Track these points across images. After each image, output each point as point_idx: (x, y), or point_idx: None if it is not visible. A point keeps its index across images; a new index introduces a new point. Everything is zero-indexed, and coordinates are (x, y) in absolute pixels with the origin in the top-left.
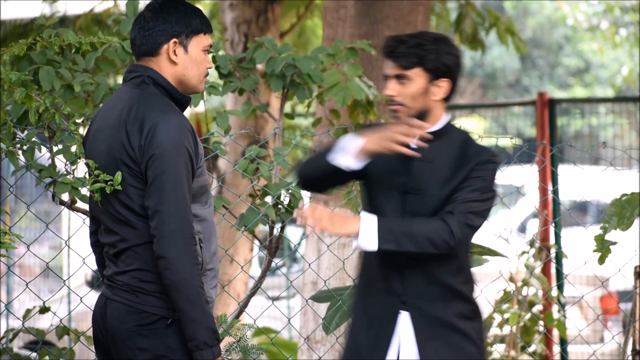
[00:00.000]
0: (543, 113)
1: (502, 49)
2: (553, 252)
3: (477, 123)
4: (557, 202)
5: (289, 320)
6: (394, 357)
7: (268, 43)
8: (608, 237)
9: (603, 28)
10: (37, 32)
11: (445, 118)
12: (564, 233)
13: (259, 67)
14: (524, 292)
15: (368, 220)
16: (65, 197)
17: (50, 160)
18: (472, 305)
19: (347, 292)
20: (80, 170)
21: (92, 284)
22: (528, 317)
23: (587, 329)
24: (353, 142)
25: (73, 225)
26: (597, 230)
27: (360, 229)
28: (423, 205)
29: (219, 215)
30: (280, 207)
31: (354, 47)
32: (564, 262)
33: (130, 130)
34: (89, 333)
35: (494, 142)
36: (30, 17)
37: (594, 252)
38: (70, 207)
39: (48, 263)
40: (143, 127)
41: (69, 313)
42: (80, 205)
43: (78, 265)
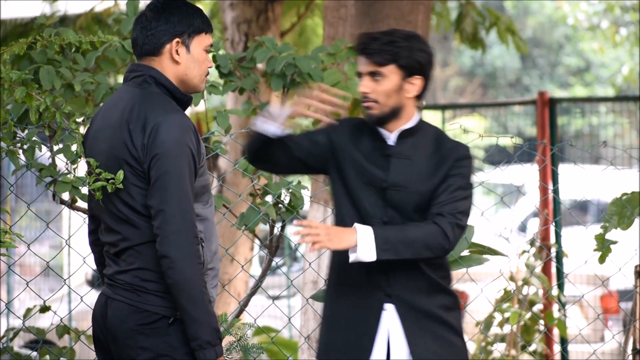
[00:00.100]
0: (543, 112)
1: (502, 48)
2: (553, 251)
3: (477, 122)
4: (557, 201)
5: (290, 320)
6: (382, 350)
7: (268, 42)
8: (608, 236)
9: (603, 27)
10: (37, 31)
11: (418, 115)
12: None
13: (260, 66)
14: (525, 291)
15: (364, 232)
16: (66, 196)
17: (51, 160)
18: (452, 297)
19: None
20: (81, 170)
21: (92, 283)
22: (528, 316)
23: (587, 328)
24: (277, 109)
25: (73, 225)
26: (597, 230)
27: (358, 242)
28: (404, 201)
29: (220, 215)
30: (281, 206)
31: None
32: (565, 261)
33: (133, 130)
34: (90, 332)
35: (495, 141)
36: (31, 16)
37: (595, 251)
38: (71, 206)
39: (48, 262)
40: (146, 126)
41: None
42: (81, 205)
43: (78, 265)
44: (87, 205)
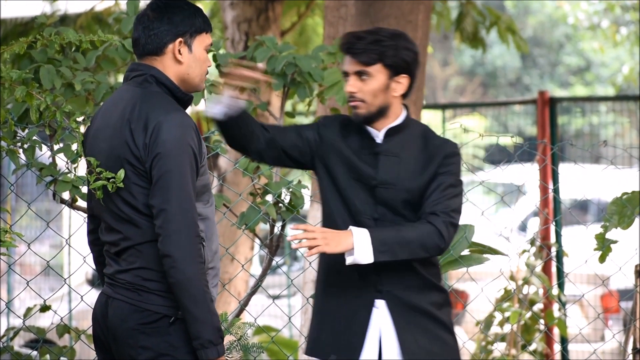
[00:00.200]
0: (544, 112)
1: (502, 48)
2: (554, 250)
3: (477, 122)
4: (557, 200)
5: (290, 319)
6: (374, 347)
7: (269, 42)
8: (609, 235)
9: (604, 27)
10: (37, 30)
11: (405, 113)
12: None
13: (260, 65)
14: (525, 290)
15: (360, 235)
16: (66, 195)
17: (51, 159)
18: (443, 294)
19: None
20: (81, 169)
21: (92, 283)
22: (529, 315)
23: (587, 328)
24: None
25: (74, 224)
26: (597, 229)
27: (355, 244)
28: (393, 198)
29: (220, 214)
30: (281, 205)
31: None
32: (565, 260)
33: (135, 129)
34: (90, 331)
35: (495, 140)
36: (31, 15)
37: (595, 250)
38: (71, 205)
39: (49, 261)
40: (147, 125)
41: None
42: (81, 204)
43: (79, 264)
44: (86, 205)
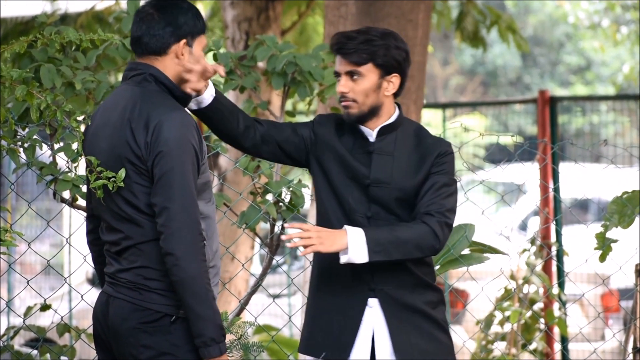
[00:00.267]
0: (544, 111)
1: (503, 47)
2: (554, 249)
3: (478, 121)
4: (558, 199)
5: (290, 318)
6: (366, 346)
7: (269, 41)
8: (609, 234)
9: (604, 26)
10: (38, 29)
11: (397, 111)
12: (565, 231)
13: (260, 64)
14: (525, 289)
15: (355, 234)
16: (67, 194)
17: (52, 158)
18: (437, 293)
19: None
20: (82, 168)
21: (93, 282)
22: (529, 314)
23: (588, 327)
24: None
25: (74, 223)
26: (598, 228)
27: (349, 244)
28: (386, 197)
29: (220, 213)
30: (282, 204)
31: None
32: (565, 259)
33: (135, 128)
34: (90, 330)
35: (495, 140)
36: (32, 14)
37: (595, 249)
38: (71, 204)
39: (49, 261)
40: (149, 124)
41: (70, 310)
42: (82, 203)
43: (79, 263)
44: (85, 205)
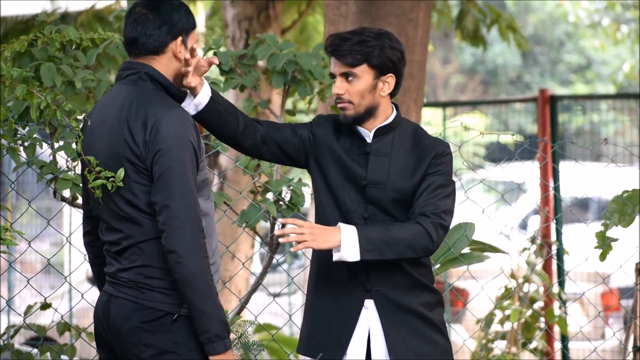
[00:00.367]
0: (544, 110)
1: (503, 46)
2: (554, 248)
3: (478, 120)
4: (558, 198)
5: (290, 317)
6: (361, 347)
7: (269, 39)
8: (609, 233)
9: (604, 25)
10: (38, 28)
11: (395, 112)
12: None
13: (260, 63)
14: (525, 288)
15: (348, 232)
16: (67, 193)
17: (52, 157)
18: (434, 294)
19: None
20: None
21: (93, 281)
22: (529, 313)
23: (588, 326)
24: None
25: (74, 222)
26: (598, 227)
27: (342, 241)
28: (383, 198)
29: (221, 212)
30: (282, 203)
31: None
32: (565, 258)
33: (133, 127)
34: (91, 329)
35: (496, 138)
36: (32, 13)
37: (595, 248)
38: (72, 203)
39: (49, 259)
40: (147, 122)
41: (70, 309)
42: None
43: (79, 262)
44: (82, 207)
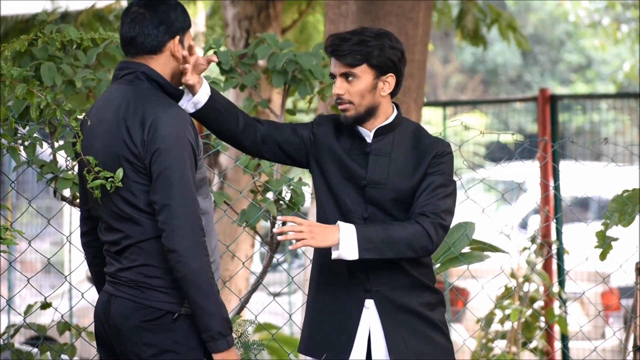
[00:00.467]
0: (544, 109)
1: (503, 45)
2: (554, 248)
3: (478, 119)
4: (558, 198)
5: (290, 316)
6: (362, 347)
7: (269, 39)
8: (609, 233)
9: (605, 24)
10: (38, 27)
11: (395, 111)
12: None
13: (261, 63)
14: (525, 288)
15: (347, 230)
16: (67, 192)
17: (52, 156)
18: (435, 294)
19: None
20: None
21: None
22: (529, 313)
23: (588, 325)
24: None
25: (74, 221)
26: (598, 227)
27: (340, 240)
28: (383, 198)
29: (221, 211)
30: (282, 203)
31: None
32: (565, 258)
33: (131, 127)
34: (91, 329)
35: (496, 138)
36: (32, 12)
37: (596, 248)
38: (72, 202)
39: (49, 259)
40: (144, 122)
41: (71, 309)
42: None
43: (79, 261)
44: (80, 207)
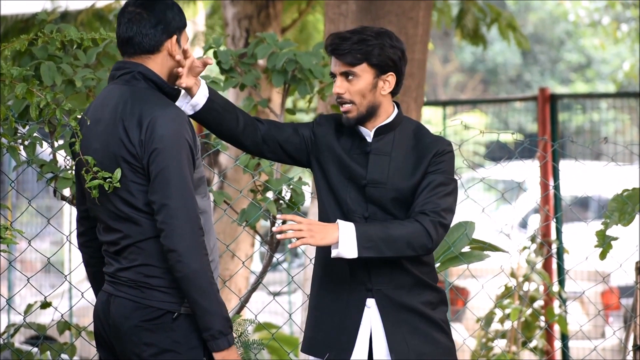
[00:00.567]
0: (544, 108)
1: (503, 45)
2: (554, 247)
3: (478, 118)
4: (558, 197)
5: (290, 316)
6: (364, 347)
7: (269, 38)
8: (609, 232)
9: (604, 23)
10: (38, 27)
11: (396, 111)
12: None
13: (261, 62)
14: (525, 287)
15: (346, 229)
16: (67, 192)
17: (52, 156)
18: (437, 293)
19: None
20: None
21: None
22: (529, 312)
23: (588, 325)
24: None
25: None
26: (598, 226)
27: (340, 238)
28: (383, 197)
29: (221, 211)
30: (282, 202)
31: None
32: (565, 257)
33: (128, 127)
34: (91, 328)
35: (496, 137)
36: (32, 12)
37: (595, 247)
38: (72, 202)
39: (49, 258)
40: (142, 122)
41: (70, 308)
42: None
43: (79, 261)
44: (76, 208)
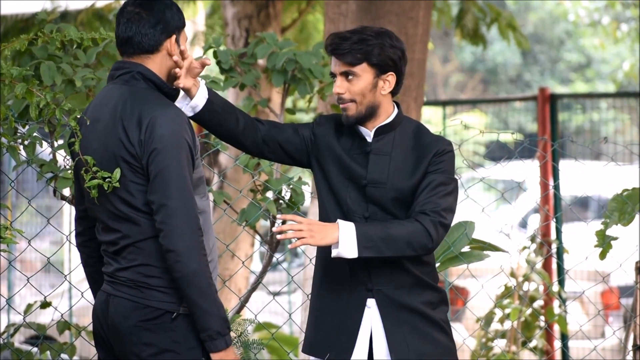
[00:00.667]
0: (544, 108)
1: (503, 44)
2: (554, 247)
3: (478, 118)
4: (558, 197)
5: (290, 316)
6: (364, 347)
7: (269, 38)
8: (609, 232)
9: (604, 23)
10: (38, 27)
11: (396, 111)
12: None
13: (260, 62)
14: (525, 287)
15: (346, 229)
16: (67, 192)
17: (52, 156)
18: (437, 293)
19: None
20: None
21: None
22: (529, 312)
23: (588, 324)
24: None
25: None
26: (598, 226)
27: (340, 238)
28: (383, 197)
29: (220, 211)
30: (282, 202)
31: None
32: (565, 257)
33: (128, 126)
34: (90, 328)
35: (496, 137)
36: (32, 12)
37: (595, 247)
38: (71, 202)
39: (49, 258)
40: (141, 121)
41: (70, 308)
42: None
43: (79, 260)
44: (75, 207)
